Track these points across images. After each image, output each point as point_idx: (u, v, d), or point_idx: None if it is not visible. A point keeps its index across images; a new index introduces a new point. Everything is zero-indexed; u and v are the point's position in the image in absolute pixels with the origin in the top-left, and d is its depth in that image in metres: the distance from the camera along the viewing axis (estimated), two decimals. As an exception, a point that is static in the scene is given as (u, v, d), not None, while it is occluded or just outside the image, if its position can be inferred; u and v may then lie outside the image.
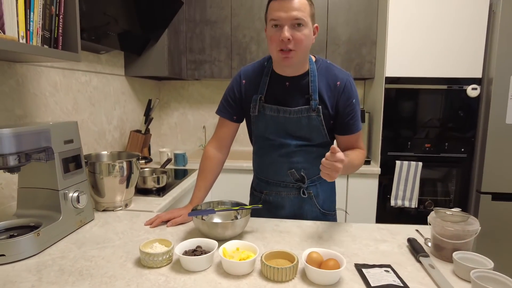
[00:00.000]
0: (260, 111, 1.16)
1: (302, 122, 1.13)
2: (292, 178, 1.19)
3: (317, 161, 1.04)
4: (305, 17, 1.01)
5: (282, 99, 1.14)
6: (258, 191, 1.30)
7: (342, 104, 1.13)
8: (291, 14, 1.00)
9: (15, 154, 0.90)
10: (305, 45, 1.04)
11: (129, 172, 1.27)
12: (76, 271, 0.84)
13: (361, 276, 0.84)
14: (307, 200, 1.23)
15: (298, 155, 1.18)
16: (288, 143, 1.17)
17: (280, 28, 1.02)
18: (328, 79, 1.13)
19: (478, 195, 2.04)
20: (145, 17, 1.89)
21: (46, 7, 1.10)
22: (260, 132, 1.21)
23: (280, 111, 1.14)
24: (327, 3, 2.28)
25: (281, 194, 1.24)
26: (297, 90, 1.13)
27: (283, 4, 1.00)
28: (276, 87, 1.15)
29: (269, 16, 1.05)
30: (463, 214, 0.95)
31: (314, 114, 1.12)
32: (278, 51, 1.04)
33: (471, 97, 2.06)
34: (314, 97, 1.11)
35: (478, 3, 1.98)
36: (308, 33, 1.04)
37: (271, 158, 1.21)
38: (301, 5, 1.01)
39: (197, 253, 0.87)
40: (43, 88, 1.43)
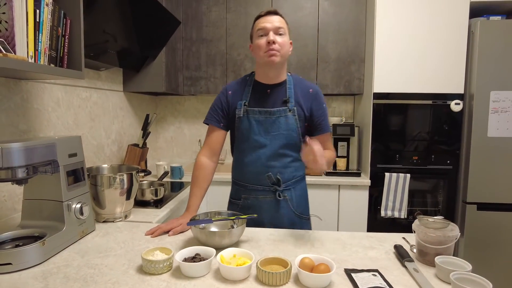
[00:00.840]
0: (244, 114, 1.33)
1: (280, 121, 1.31)
2: (269, 181, 1.32)
3: (291, 165, 1.32)
4: (285, 28, 1.27)
5: (263, 103, 1.33)
6: (236, 198, 1.41)
7: (315, 108, 1.35)
8: (274, 25, 1.25)
9: (24, 167, 0.95)
10: (286, 50, 1.28)
11: (129, 184, 1.32)
12: (80, 278, 0.88)
13: (350, 280, 0.90)
14: (282, 203, 1.35)
15: (275, 159, 1.32)
16: (266, 143, 1.31)
17: (266, 35, 1.25)
18: (302, 87, 1.36)
19: (464, 205, 2.13)
20: (144, 36, 1.97)
21: (54, 29, 1.17)
22: (242, 135, 1.34)
23: (261, 113, 1.32)
24: (317, 23, 2.40)
25: (259, 198, 1.35)
26: (277, 95, 1.34)
27: (268, 18, 1.26)
28: (259, 94, 1.35)
29: (256, 28, 1.28)
30: (444, 221, 1.02)
31: (290, 114, 1.31)
32: (265, 52, 1.25)
33: (455, 111, 2.17)
34: (290, 100, 1.32)
35: (458, 25, 2.12)
36: (287, 41, 1.28)
37: (251, 160, 1.33)
38: (281, 20, 1.28)
39: (196, 260, 0.93)
40: (46, 103, 1.49)
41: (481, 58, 2.04)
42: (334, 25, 2.39)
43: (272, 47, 1.23)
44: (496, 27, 2.01)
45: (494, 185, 2.08)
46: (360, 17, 2.37)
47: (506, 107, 2.04)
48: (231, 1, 2.45)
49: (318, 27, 2.40)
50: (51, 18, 1.15)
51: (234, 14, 2.45)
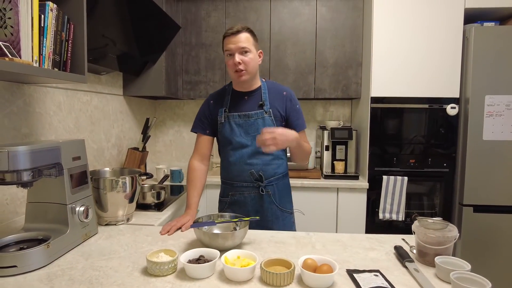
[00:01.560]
0: (225, 119, 1.47)
1: (258, 123, 1.44)
2: (252, 177, 1.45)
3: (273, 163, 1.47)
4: (249, 46, 1.38)
5: (242, 108, 1.47)
6: (225, 196, 1.53)
7: (290, 108, 1.48)
8: (238, 45, 1.36)
9: (29, 170, 0.96)
10: (252, 65, 1.40)
11: (131, 187, 1.33)
12: (86, 280, 0.89)
13: (352, 280, 0.91)
14: (266, 198, 1.47)
15: (257, 157, 1.44)
16: (247, 144, 1.44)
17: (232, 56, 1.38)
18: (276, 91, 1.50)
19: (461, 207, 2.16)
20: (144, 40, 1.99)
21: (58, 33, 1.19)
22: (225, 138, 1.47)
23: (240, 116, 1.45)
24: (315, 29, 2.43)
25: (244, 194, 1.47)
26: (253, 100, 1.47)
27: (232, 39, 1.37)
28: (237, 101, 1.48)
29: (224, 48, 1.41)
30: (443, 222, 1.04)
31: (267, 116, 1.44)
32: (234, 72, 1.40)
33: (451, 115, 2.21)
34: (266, 103, 1.45)
35: (453, 30, 2.16)
36: (253, 57, 1.40)
37: (235, 160, 1.46)
38: (245, 38, 1.38)
39: (201, 262, 0.94)
40: (48, 107, 1.50)
41: (476, 63, 2.08)
42: (332, 30, 2.43)
43: (238, 68, 1.37)
44: (490, 33, 2.06)
45: (490, 187, 2.11)
46: (357, 23, 2.41)
47: (500, 111, 2.08)
48: (230, 6, 2.48)
49: (316, 32, 2.44)
50: (55, 23, 1.17)
51: (233, 19, 2.48)
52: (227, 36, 1.39)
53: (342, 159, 2.42)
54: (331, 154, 2.43)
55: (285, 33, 2.45)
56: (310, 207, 2.27)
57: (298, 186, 2.23)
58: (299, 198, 2.20)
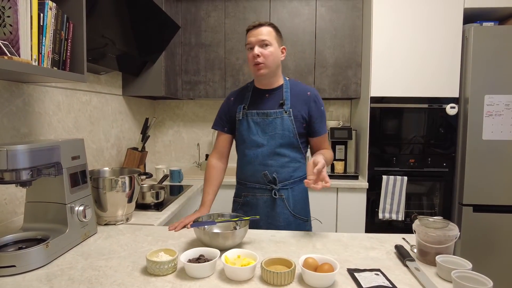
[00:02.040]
0: (243, 116, 1.42)
1: (276, 122, 1.38)
2: (265, 179, 1.39)
3: (289, 165, 1.38)
4: (270, 39, 1.33)
5: (261, 106, 1.42)
6: (238, 196, 1.49)
7: (314, 110, 1.40)
8: (258, 38, 1.33)
9: (28, 169, 0.95)
10: (272, 59, 1.34)
11: (131, 187, 1.32)
12: (85, 280, 0.89)
13: (353, 279, 0.91)
14: (278, 202, 1.40)
15: (273, 158, 1.39)
16: (263, 143, 1.39)
17: (253, 49, 1.34)
18: (299, 91, 1.42)
19: (460, 207, 2.16)
20: (143, 40, 1.99)
21: (57, 32, 1.18)
22: (241, 135, 1.43)
23: (259, 114, 1.40)
24: (315, 29, 2.44)
25: (256, 196, 1.42)
26: (274, 99, 1.42)
27: (253, 32, 1.34)
28: (257, 98, 1.44)
29: (246, 42, 1.37)
30: (444, 221, 1.04)
31: (286, 115, 1.38)
32: (253, 65, 1.35)
33: (450, 115, 2.21)
34: (286, 102, 1.39)
35: (452, 30, 2.17)
36: (274, 50, 1.34)
37: (249, 159, 1.41)
38: (266, 31, 1.34)
39: (201, 261, 0.93)
40: (47, 107, 1.49)
41: (475, 63, 2.08)
42: (331, 30, 2.43)
43: (257, 60, 1.32)
44: (489, 33, 2.06)
45: (490, 187, 2.11)
46: (356, 23, 2.42)
47: (499, 111, 2.08)
48: (229, 6, 2.48)
49: (315, 32, 2.44)
50: (55, 22, 1.16)
51: (233, 19, 2.48)
52: (249, 30, 1.36)
53: (342, 159, 2.42)
54: (331, 154, 2.42)
55: (285, 33, 2.44)
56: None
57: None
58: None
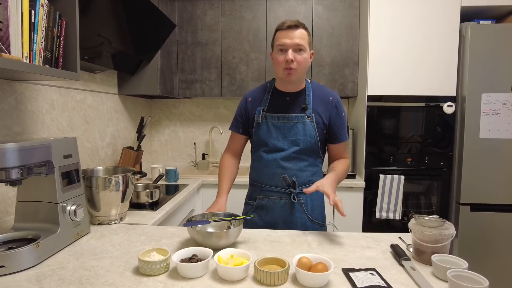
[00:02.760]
0: (262, 119, 1.36)
1: (298, 127, 1.33)
2: (284, 183, 1.33)
3: (307, 169, 1.33)
4: (305, 44, 1.26)
5: (282, 109, 1.36)
6: (252, 199, 1.43)
7: (335, 116, 1.36)
8: (294, 41, 1.24)
9: (18, 167, 0.94)
10: (304, 66, 1.29)
11: (124, 186, 1.31)
12: (76, 280, 0.87)
13: (348, 279, 0.90)
14: (297, 206, 1.36)
15: (292, 162, 1.34)
16: (284, 147, 1.34)
17: (285, 51, 1.26)
18: (321, 95, 1.37)
19: (458, 206, 2.15)
20: (139, 39, 1.97)
21: (49, 30, 1.17)
22: (260, 139, 1.37)
23: (280, 118, 1.34)
24: (311, 27, 2.42)
25: (273, 199, 1.37)
26: (295, 103, 1.36)
27: (288, 34, 1.25)
28: (278, 101, 1.37)
29: (276, 42, 1.28)
30: (440, 220, 1.03)
31: (308, 120, 1.33)
32: (283, 69, 1.27)
33: (447, 113, 2.21)
34: (308, 107, 1.34)
35: (449, 29, 2.16)
36: (307, 56, 1.28)
37: (268, 162, 1.36)
38: (302, 34, 1.26)
39: (194, 261, 0.92)
40: (40, 105, 1.48)
41: (472, 61, 2.08)
42: (328, 29, 2.42)
43: (290, 66, 1.25)
44: (486, 31, 2.05)
45: (487, 186, 2.11)
46: (353, 21, 2.41)
47: (497, 109, 2.08)
48: (226, 4, 2.46)
49: (312, 31, 2.43)
50: (46, 19, 1.15)
51: (229, 17, 2.46)
52: (282, 29, 1.26)
53: (339, 158, 2.40)
54: (328, 153, 2.41)
55: (282, 32, 2.44)
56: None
57: None
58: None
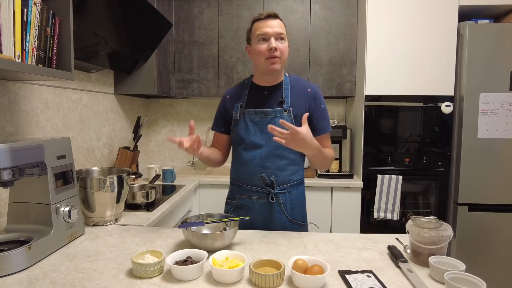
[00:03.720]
0: (240, 115, 1.34)
1: (276, 122, 1.28)
2: (263, 182, 1.31)
3: (287, 168, 1.31)
4: (285, 34, 1.26)
5: (260, 104, 1.33)
6: (232, 198, 1.41)
7: (314, 108, 1.32)
8: (275, 30, 1.23)
9: (9, 168, 0.92)
10: (286, 55, 1.28)
11: (119, 187, 1.29)
12: (68, 283, 0.86)
13: (344, 281, 0.89)
14: (275, 207, 1.33)
15: (271, 160, 1.31)
16: (262, 143, 1.31)
17: (267, 41, 1.23)
18: (300, 88, 1.34)
19: (456, 206, 2.14)
20: (135, 38, 1.96)
21: (42, 29, 1.15)
22: (238, 135, 1.34)
23: (257, 113, 1.32)
24: (309, 26, 2.41)
25: (252, 199, 1.34)
26: (273, 96, 1.33)
27: (269, 23, 1.24)
28: (256, 96, 1.35)
29: (256, 32, 1.25)
30: (437, 221, 1.02)
31: (286, 114, 1.30)
32: (266, 59, 1.24)
33: (445, 113, 2.20)
34: (286, 100, 1.31)
35: (447, 28, 2.15)
36: (287, 46, 1.28)
37: (246, 160, 1.33)
38: (281, 24, 1.26)
39: (188, 263, 0.91)
40: (34, 105, 1.46)
41: (470, 61, 2.07)
42: (326, 28, 2.41)
43: (274, 54, 1.22)
44: (485, 31, 2.04)
45: (485, 186, 2.10)
46: (351, 20, 2.39)
47: (495, 109, 2.07)
48: (223, 3, 2.45)
49: (309, 30, 2.42)
50: (40, 18, 1.13)
51: (226, 17, 2.45)
52: (261, 19, 1.24)
53: (337, 158, 2.40)
54: (326, 153, 2.40)
55: (279, 31, 2.42)
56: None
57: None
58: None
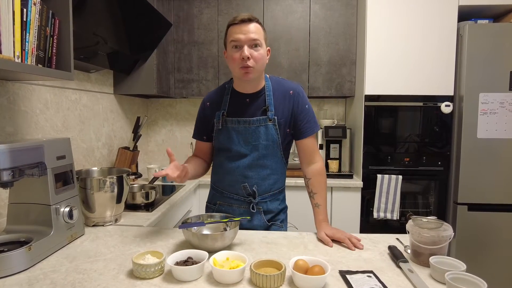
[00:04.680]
0: (223, 125, 1.28)
1: (260, 131, 1.25)
2: (245, 192, 1.28)
3: (269, 178, 1.27)
4: (261, 39, 1.17)
5: (242, 113, 1.27)
6: (212, 203, 1.38)
7: (298, 110, 1.27)
8: (249, 36, 1.14)
9: (9, 169, 0.92)
10: (262, 63, 1.19)
11: (119, 187, 1.29)
12: (68, 284, 0.86)
13: (345, 281, 0.89)
14: (256, 215, 1.30)
15: (254, 170, 1.27)
16: (246, 153, 1.27)
17: (240, 48, 1.16)
18: (282, 91, 1.27)
19: (455, 206, 2.15)
20: (134, 38, 1.95)
21: (41, 29, 1.15)
22: (222, 145, 1.30)
23: (240, 122, 1.26)
24: (309, 26, 2.41)
25: (233, 206, 1.32)
26: (256, 104, 1.27)
27: (242, 28, 1.15)
28: (237, 104, 1.28)
29: (229, 38, 1.18)
30: (437, 221, 1.02)
31: (270, 124, 1.25)
32: (240, 68, 1.17)
33: (445, 113, 2.20)
34: (270, 108, 1.25)
35: (447, 28, 2.15)
36: (263, 53, 1.19)
37: (229, 170, 1.29)
38: (257, 29, 1.16)
39: (188, 264, 0.90)
40: (34, 105, 1.46)
41: (470, 61, 2.07)
42: (325, 28, 2.41)
43: (246, 63, 1.15)
44: (484, 31, 2.05)
45: (485, 185, 2.10)
46: (351, 20, 2.39)
47: (494, 109, 2.07)
48: (222, 3, 2.45)
49: (309, 30, 2.41)
50: (39, 18, 1.13)
51: (226, 16, 2.45)
52: (235, 24, 1.16)
53: (336, 158, 2.40)
54: (325, 153, 2.41)
55: (278, 31, 2.42)
56: (303, 206, 2.23)
57: (292, 185, 2.21)
58: (293, 198, 2.18)
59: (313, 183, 1.29)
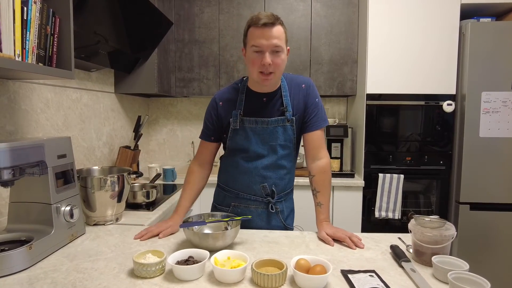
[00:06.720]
0: (240, 124, 1.24)
1: (278, 131, 1.24)
2: (264, 192, 1.27)
3: (285, 177, 1.29)
4: (282, 44, 1.14)
5: (260, 113, 1.25)
6: (223, 205, 1.35)
7: (308, 103, 1.27)
8: (271, 42, 1.11)
9: (10, 168, 0.92)
10: (282, 68, 1.18)
11: (120, 186, 1.29)
12: (69, 283, 0.85)
13: (347, 281, 0.88)
14: (274, 215, 1.31)
15: (271, 170, 1.27)
16: (264, 153, 1.25)
17: (262, 53, 1.12)
18: (295, 86, 1.27)
19: (457, 205, 2.14)
20: (135, 36, 1.95)
21: (42, 27, 1.14)
22: (238, 145, 1.27)
23: (258, 122, 1.24)
24: (310, 25, 2.40)
25: (250, 208, 1.30)
26: (273, 104, 1.25)
27: (264, 32, 1.10)
28: (254, 103, 1.25)
29: (250, 41, 1.14)
30: (440, 221, 1.01)
31: (288, 124, 1.25)
32: (259, 73, 1.15)
33: (447, 112, 2.19)
34: (288, 109, 1.24)
35: (449, 26, 2.14)
36: (284, 57, 1.17)
37: (247, 170, 1.27)
38: (279, 33, 1.12)
39: (190, 263, 0.90)
40: (34, 104, 1.45)
41: (472, 59, 2.06)
42: (327, 27, 2.40)
43: (267, 70, 1.13)
44: (486, 29, 2.03)
45: (487, 185, 2.09)
46: (352, 19, 2.38)
47: (497, 108, 2.06)
48: (223, 2, 2.44)
49: (310, 29, 2.41)
50: (39, 16, 1.12)
51: (227, 15, 2.44)
52: (257, 26, 1.10)
53: (338, 157, 2.39)
54: (327, 152, 2.40)
55: (280, 30, 2.41)
56: (305, 205, 2.23)
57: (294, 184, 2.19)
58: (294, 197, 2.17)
59: (317, 181, 1.28)
